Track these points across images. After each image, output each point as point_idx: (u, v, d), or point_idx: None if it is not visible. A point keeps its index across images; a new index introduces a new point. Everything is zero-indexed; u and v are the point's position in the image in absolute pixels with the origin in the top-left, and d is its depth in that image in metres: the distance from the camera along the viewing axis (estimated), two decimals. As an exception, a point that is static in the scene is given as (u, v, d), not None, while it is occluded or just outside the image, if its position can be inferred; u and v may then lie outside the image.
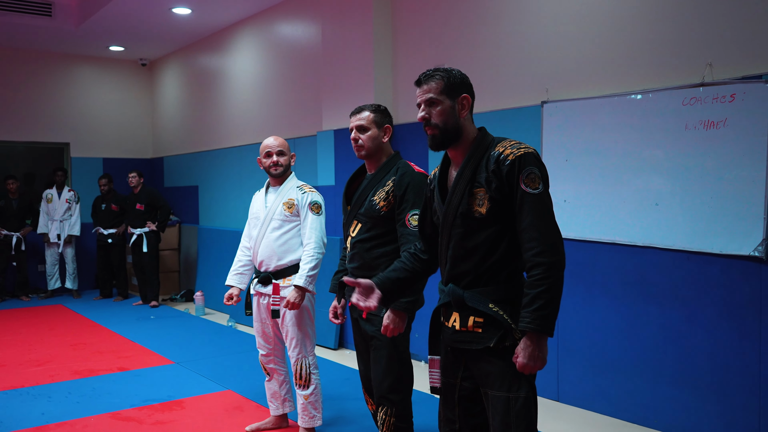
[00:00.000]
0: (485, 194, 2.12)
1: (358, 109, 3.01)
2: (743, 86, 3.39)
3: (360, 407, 4.22)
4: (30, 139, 9.44)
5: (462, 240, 2.18)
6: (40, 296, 8.89)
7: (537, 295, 2.02)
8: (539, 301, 2.01)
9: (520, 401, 2.10)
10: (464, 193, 2.16)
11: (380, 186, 2.92)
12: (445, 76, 2.21)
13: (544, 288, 2.01)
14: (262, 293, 3.68)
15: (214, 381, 4.90)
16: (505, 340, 2.12)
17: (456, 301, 2.20)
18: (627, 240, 3.93)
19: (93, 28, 8.14)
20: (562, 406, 4.29)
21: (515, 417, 2.09)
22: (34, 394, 4.62)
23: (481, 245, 2.15)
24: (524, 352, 2.05)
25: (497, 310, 2.12)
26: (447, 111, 2.20)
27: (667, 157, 3.72)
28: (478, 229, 2.15)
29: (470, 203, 2.15)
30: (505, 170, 2.08)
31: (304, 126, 6.79)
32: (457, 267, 2.21)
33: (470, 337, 2.18)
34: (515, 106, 4.58)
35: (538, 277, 2.02)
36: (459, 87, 2.21)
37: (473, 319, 2.16)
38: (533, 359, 2.04)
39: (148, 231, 8.05)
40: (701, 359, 3.63)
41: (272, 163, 3.65)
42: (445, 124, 2.20)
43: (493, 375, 2.15)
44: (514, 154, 2.09)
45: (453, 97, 2.20)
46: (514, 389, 2.10)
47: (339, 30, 5.88)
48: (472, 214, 2.15)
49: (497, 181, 2.10)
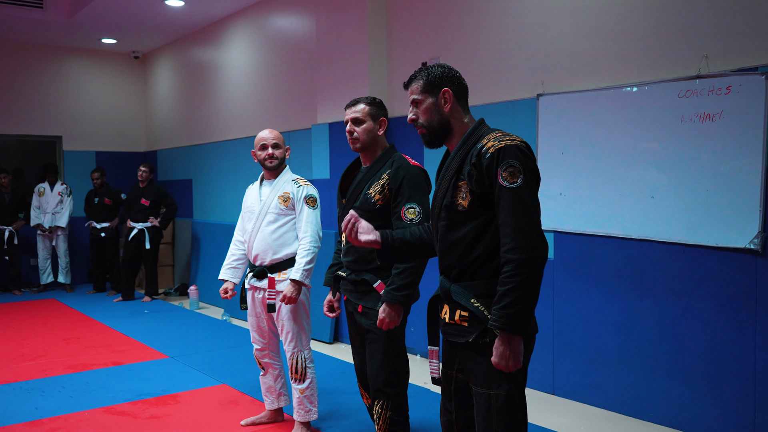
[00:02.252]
0: (467, 187, 2.10)
1: (354, 101, 2.99)
2: (739, 78, 3.38)
3: (355, 401, 4.21)
4: (21, 132, 9.36)
5: (446, 232, 2.17)
6: (32, 290, 8.85)
7: (504, 292, 1.98)
8: (506, 299, 1.98)
9: (500, 398, 2.07)
10: (449, 185, 2.15)
11: (375, 179, 2.90)
12: (424, 75, 2.23)
13: (512, 285, 1.97)
14: (257, 287, 3.66)
15: (209, 375, 4.88)
16: (485, 336, 2.09)
17: (444, 294, 2.21)
18: (622, 233, 3.93)
19: (85, 20, 8.07)
20: (558, 399, 4.29)
21: (496, 414, 2.07)
22: (27, 388, 4.60)
23: (463, 238, 2.13)
24: (495, 351, 2.03)
25: (478, 305, 2.10)
26: (430, 108, 2.22)
27: (662, 150, 3.71)
28: (461, 222, 2.13)
29: (454, 195, 2.14)
30: (485, 163, 2.05)
31: (299, 119, 6.76)
32: (444, 259, 2.21)
33: (457, 330, 2.17)
34: (511, 98, 4.56)
35: (507, 274, 1.99)
36: (438, 82, 2.21)
37: (459, 313, 2.15)
38: (504, 358, 2.02)
39: (150, 226, 8.01)
40: (697, 352, 3.63)
41: (267, 156, 3.62)
42: (429, 122, 2.22)
43: (475, 371, 2.14)
44: (495, 146, 2.05)
45: (434, 94, 2.21)
46: (495, 386, 2.08)
47: (334, 22, 5.85)
48: (455, 206, 2.14)
49: (477, 174, 2.07)
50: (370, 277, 2.89)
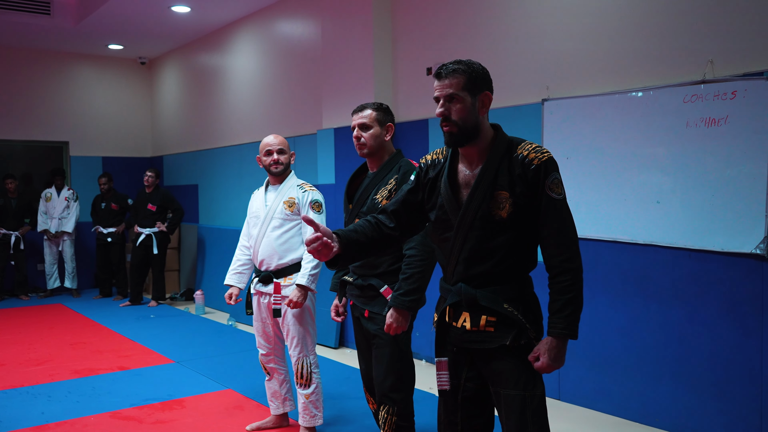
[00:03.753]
0: (508, 198, 2.08)
1: (361, 107, 3.00)
2: (744, 83, 3.38)
3: (361, 406, 4.21)
4: (29, 137, 9.41)
5: (480, 242, 2.13)
6: (39, 295, 8.88)
7: (568, 300, 2.06)
8: (571, 306, 2.06)
9: (536, 399, 2.10)
10: (485, 195, 2.10)
11: (383, 184, 2.91)
12: (468, 71, 2.10)
13: (574, 294, 2.06)
14: (263, 292, 3.67)
15: (215, 380, 4.89)
16: (521, 339, 2.12)
17: (468, 301, 2.16)
18: (628, 238, 3.92)
19: (92, 26, 8.12)
20: (563, 404, 4.28)
21: (532, 415, 2.09)
22: (34, 393, 4.61)
23: (499, 248, 2.11)
24: (550, 353, 2.06)
25: (511, 309, 2.11)
26: (468, 108, 2.10)
27: (668, 155, 3.71)
28: (498, 231, 2.11)
29: (491, 206, 2.10)
30: (531, 175, 2.07)
31: (304, 124, 6.78)
32: (472, 268, 2.15)
33: (482, 337, 2.15)
34: (516, 103, 4.57)
35: (568, 283, 2.06)
36: (481, 83, 2.12)
37: (485, 319, 2.14)
38: (558, 361, 2.07)
39: (157, 231, 8.04)
40: (702, 357, 3.62)
41: (273, 161, 3.64)
42: (464, 122, 2.11)
43: (506, 374, 2.13)
44: (540, 159, 2.07)
45: (474, 94, 2.11)
46: (530, 387, 2.10)
47: (339, 28, 5.87)
48: (492, 217, 2.10)
49: (522, 186, 2.07)
50: (377, 282, 2.89)
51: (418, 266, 2.74)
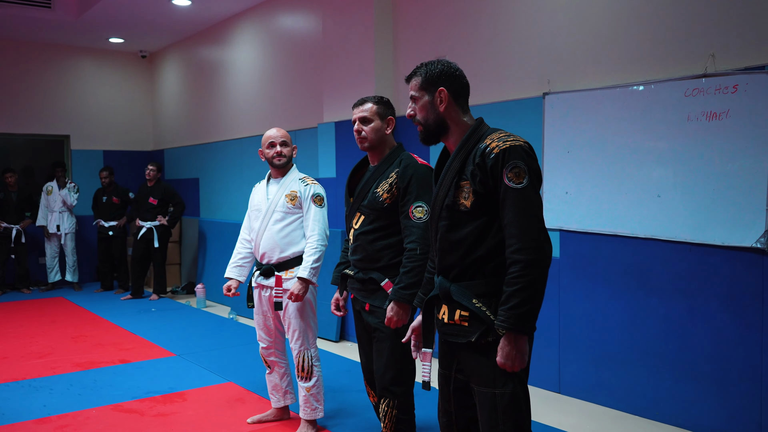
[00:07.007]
0: (470, 187, 2.09)
1: (361, 100, 3.00)
2: (746, 77, 3.38)
3: (362, 399, 4.23)
4: (29, 131, 9.40)
5: (447, 232, 2.16)
6: (41, 289, 8.89)
7: (512, 293, 1.99)
8: (514, 299, 1.98)
9: (506, 397, 2.07)
10: (451, 185, 2.14)
11: (383, 178, 2.91)
12: (423, 72, 2.23)
13: (520, 286, 1.98)
14: (264, 285, 3.68)
15: (216, 373, 4.90)
16: (488, 336, 2.09)
17: (443, 294, 2.19)
18: (629, 232, 3.93)
19: (92, 19, 8.11)
20: (563, 397, 4.30)
21: (502, 413, 2.07)
22: (36, 386, 4.63)
23: (465, 238, 2.12)
24: (501, 351, 2.03)
25: (480, 305, 2.10)
26: (426, 106, 2.22)
27: (669, 149, 3.71)
28: (463, 222, 2.13)
29: (456, 196, 2.13)
30: (490, 163, 2.05)
31: (305, 118, 6.78)
32: (444, 259, 2.20)
33: (457, 330, 2.16)
34: (517, 97, 4.56)
35: (515, 274, 1.99)
36: (436, 81, 2.21)
37: (459, 313, 2.15)
38: (510, 359, 2.02)
39: (159, 225, 8.04)
40: (703, 351, 3.63)
41: (275, 154, 3.64)
42: (425, 120, 2.23)
43: (477, 371, 2.13)
44: (500, 147, 2.05)
45: (431, 92, 2.21)
46: (500, 385, 2.08)
47: (340, 21, 5.86)
48: (457, 207, 2.13)
49: (481, 175, 2.07)
50: (378, 276, 2.90)
51: (419, 260, 2.74)
